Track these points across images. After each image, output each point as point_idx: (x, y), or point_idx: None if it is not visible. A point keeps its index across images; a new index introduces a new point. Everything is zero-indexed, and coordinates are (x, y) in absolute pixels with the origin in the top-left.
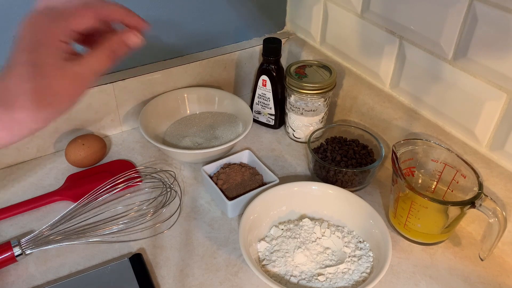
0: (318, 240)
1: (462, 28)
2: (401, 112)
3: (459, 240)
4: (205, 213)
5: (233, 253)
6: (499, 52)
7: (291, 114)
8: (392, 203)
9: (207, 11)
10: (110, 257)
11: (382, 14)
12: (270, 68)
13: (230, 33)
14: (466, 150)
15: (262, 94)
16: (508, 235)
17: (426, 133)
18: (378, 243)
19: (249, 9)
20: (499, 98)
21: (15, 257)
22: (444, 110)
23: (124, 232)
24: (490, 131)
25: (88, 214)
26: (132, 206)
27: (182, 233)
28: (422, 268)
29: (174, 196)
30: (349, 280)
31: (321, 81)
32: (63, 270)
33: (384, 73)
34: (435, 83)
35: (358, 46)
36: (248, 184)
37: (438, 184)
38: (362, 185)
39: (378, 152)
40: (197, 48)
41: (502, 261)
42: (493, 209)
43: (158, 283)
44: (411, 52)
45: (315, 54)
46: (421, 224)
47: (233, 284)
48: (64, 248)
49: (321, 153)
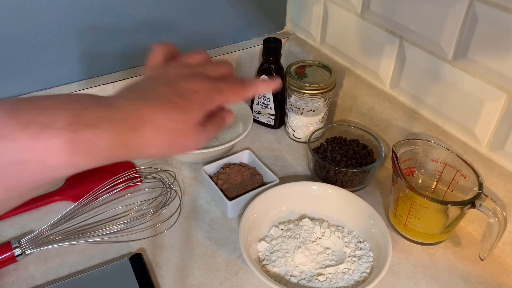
0: (318, 240)
1: (462, 28)
2: (401, 112)
3: (459, 240)
4: (205, 213)
5: (233, 253)
6: (499, 52)
7: (291, 114)
8: (392, 203)
9: (207, 11)
10: (110, 257)
11: (382, 14)
12: (270, 68)
13: (230, 33)
14: (466, 150)
15: (262, 94)
16: (508, 235)
17: (426, 133)
18: (378, 243)
19: (249, 9)
20: (499, 98)
21: (15, 257)
22: (444, 110)
23: (124, 232)
24: (490, 131)
25: (88, 214)
26: (132, 206)
27: (182, 233)
28: (422, 268)
29: (174, 196)
30: (349, 280)
31: (321, 81)
32: (63, 270)
33: (384, 73)
34: (435, 83)
35: (358, 46)
36: (248, 184)
37: (438, 184)
38: (362, 185)
39: (378, 152)
40: (197, 48)
41: (502, 261)
42: (493, 209)
43: (158, 283)
44: (411, 52)
45: (315, 54)
46: (421, 224)
47: (233, 284)
48: (64, 248)
49: (321, 153)
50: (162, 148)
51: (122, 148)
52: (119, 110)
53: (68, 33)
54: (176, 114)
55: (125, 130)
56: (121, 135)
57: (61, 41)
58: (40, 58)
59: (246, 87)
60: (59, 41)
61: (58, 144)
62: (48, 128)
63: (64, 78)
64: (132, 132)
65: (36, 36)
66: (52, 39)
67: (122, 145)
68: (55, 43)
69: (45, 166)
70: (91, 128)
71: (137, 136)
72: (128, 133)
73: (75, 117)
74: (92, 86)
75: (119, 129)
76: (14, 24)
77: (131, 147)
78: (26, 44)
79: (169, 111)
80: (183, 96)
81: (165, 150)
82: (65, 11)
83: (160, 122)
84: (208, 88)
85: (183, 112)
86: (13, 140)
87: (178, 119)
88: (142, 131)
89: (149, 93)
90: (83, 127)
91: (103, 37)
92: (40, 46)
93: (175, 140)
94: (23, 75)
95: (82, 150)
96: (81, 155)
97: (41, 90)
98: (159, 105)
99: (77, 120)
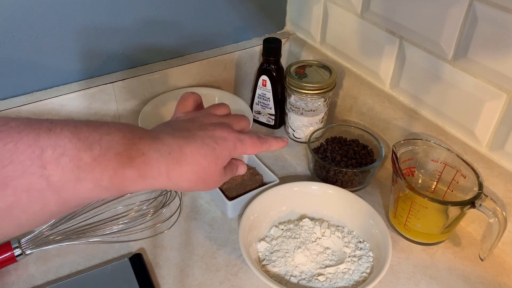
0: (318, 240)
1: (462, 28)
2: (401, 112)
3: (459, 240)
4: (205, 213)
5: (233, 253)
6: (499, 52)
7: (291, 114)
8: (392, 203)
9: (207, 11)
10: (110, 257)
11: (382, 14)
12: (270, 68)
13: (230, 33)
14: (466, 150)
15: (262, 94)
16: (508, 235)
17: (426, 133)
18: (378, 243)
19: (249, 9)
20: (499, 98)
21: (15, 257)
22: (444, 110)
23: (124, 232)
24: (490, 131)
25: (88, 214)
26: (132, 206)
27: (182, 233)
28: (422, 268)
29: (174, 196)
30: (349, 280)
31: (321, 81)
32: (63, 270)
33: (384, 73)
34: (435, 83)
35: (358, 46)
36: (248, 184)
37: (438, 184)
38: (362, 185)
39: (378, 152)
40: (197, 48)
41: (502, 261)
42: (493, 209)
43: (158, 283)
44: (411, 52)
45: (315, 54)
46: (421, 224)
47: (233, 284)
48: (64, 248)
49: (321, 153)
50: (192, 183)
51: (164, 177)
52: (166, 143)
53: (68, 33)
54: (210, 155)
55: (170, 162)
56: (165, 165)
57: (61, 41)
58: (40, 58)
59: (263, 142)
60: (59, 41)
61: (115, 167)
62: (108, 152)
63: (64, 78)
64: (175, 165)
65: (36, 36)
66: (52, 39)
67: (164, 175)
68: (55, 43)
69: (99, 187)
70: (143, 157)
71: (178, 169)
72: (171, 165)
73: (131, 145)
74: (92, 86)
75: (165, 159)
76: (14, 24)
77: (171, 178)
78: (26, 44)
79: (205, 152)
80: (217, 141)
81: (194, 185)
82: (65, 11)
83: (197, 160)
84: (235, 138)
85: (215, 154)
86: (79, 159)
87: (211, 159)
88: (182, 165)
89: (187, 133)
90: (136, 154)
91: (103, 37)
92: (40, 46)
93: (204, 177)
94: (23, 75)
95: (132, 175)
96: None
97: (41, 90)
98: (197, 145)
99: (132, 148)
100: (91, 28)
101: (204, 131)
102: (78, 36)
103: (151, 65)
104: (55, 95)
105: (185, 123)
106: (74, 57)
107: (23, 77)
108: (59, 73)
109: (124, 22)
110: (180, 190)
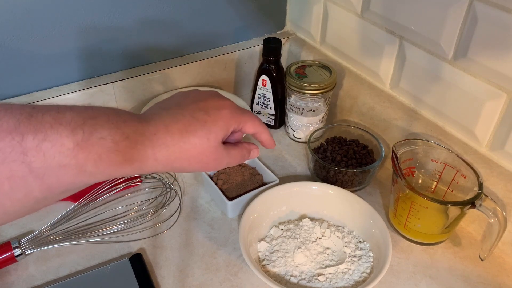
0: (318, 240)
1: (462, 28)
2: (401, 112)
3: (459, 240)
4: (205, 213)
5: (233, 253)
6: (499, 52)
7: (291, 114)
8: (392, 203)
9: (207, 11)
10: (110, 257)
11: (382, 14)
12: (270, 68)
13: (230, 33)
14: (466, 150)
15: (262, 94)
16: (508, 235)
17: (426, 133)
18: (378, 243)
19: (249, 9)
20: (499, 98)
21: (15, 257)
22: (444, 110)
23: (124, 232)
24: (490, 131)
25: (88, 214)
26: (132, 206)
27: (182, 233)
28: (422, 268)
29: (174, 196)
30: (349, 280)
31: (321, 81)
32: (63, 270)
33: (384, 73)
34: (435, 83)
35: (358, 46)
36: (248, 184)
37: (438, 184)
38: (362, 185)
39: (378, 152)
40: (197, 48)
41: (502, 261)
42: (493, 209)
43: (158, 283)
44: (411, 52)
45: (315, 54)
46: (421, 224)
47: (233, 284)
48: (64, 248)
49: (321, 153)
50: (184, 164)
51: (152, 160)
52: (151, 124)
53: (68, 33)
54: (200, 130)
55: (155, 143)
56: (151, 148)
57: (61, 41)
58: (40, 58)
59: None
60: (59, 41)
61: (98, 152)
62: (92, 136)
63: (64, 78)
64: (160, 146)
65: (36, 36)
66: (52, 39)
67: (151, 158)
68: (55, 43)
69: (83, 172)
70: (127, 140)
71: (165, 151)
72: (157, 147)
73: (115, 129)
74: (92, 86)
75: (150, 141)
76: (14, 24)
77: (159, 161)
78: (26, 44)
79: (194, 127)
80: (208, 112)
81: (187, 165)
82: (65, 11)
83: (185, 138)
84: (232, 106)
85: (206, 128)
86: (61, 145)
87: (201, 135)
88: (169, 146)
89: (176, 109)
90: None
91: (103, 37)
92: (40, 46)
93: (197, 156)
94: (23, 75)
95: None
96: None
97: (41, 90)
98: (186, 121)
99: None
100: (91, 28)
101: (196, 103)
102: (78, 36)
103: (151, 65)
104: (55, 95)
105: (178, 98)
106: (74, 57)
107: (23, 77)
108: (59, 73)
109: (124, 22)
110: (174, 171)
